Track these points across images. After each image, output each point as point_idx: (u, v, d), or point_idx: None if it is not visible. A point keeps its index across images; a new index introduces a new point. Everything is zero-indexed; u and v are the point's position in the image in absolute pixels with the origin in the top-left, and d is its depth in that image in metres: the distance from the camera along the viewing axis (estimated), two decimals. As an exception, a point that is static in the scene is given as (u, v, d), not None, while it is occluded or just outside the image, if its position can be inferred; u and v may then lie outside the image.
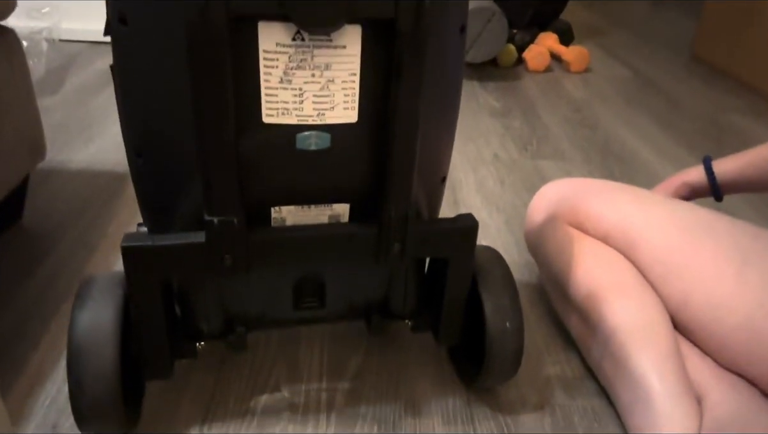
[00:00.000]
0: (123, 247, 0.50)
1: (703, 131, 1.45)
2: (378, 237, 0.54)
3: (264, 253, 0.53)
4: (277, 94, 0.47)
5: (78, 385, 0.52)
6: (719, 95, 1.71)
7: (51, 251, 0.86)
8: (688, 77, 1.86)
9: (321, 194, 0.54)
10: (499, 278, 0.62)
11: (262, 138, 0.49)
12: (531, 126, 1.43)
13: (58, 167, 1.09)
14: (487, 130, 1.40)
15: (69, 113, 1.32)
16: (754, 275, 0.61)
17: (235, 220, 0.50)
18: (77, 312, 0.53)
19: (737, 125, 1.51)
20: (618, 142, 1.37)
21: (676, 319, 0.66)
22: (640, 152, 1.32)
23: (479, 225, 0.58)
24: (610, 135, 1.40)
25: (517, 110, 1.52)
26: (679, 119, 1.53)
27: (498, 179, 1.17)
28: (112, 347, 0.52)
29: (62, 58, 1.65)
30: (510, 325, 0.60)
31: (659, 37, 2.34)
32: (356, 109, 0.49)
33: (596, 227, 0.72)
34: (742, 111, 1.60)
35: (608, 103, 1.60)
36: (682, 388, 0.59)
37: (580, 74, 1.83)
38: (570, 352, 0.75)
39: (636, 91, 1.72)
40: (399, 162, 0.51)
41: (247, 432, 0.61)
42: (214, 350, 0.71)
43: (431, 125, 0.54)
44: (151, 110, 0.50)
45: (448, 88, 0.56)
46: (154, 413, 0.63)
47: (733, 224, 0.68)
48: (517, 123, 1.44)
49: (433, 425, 0.64)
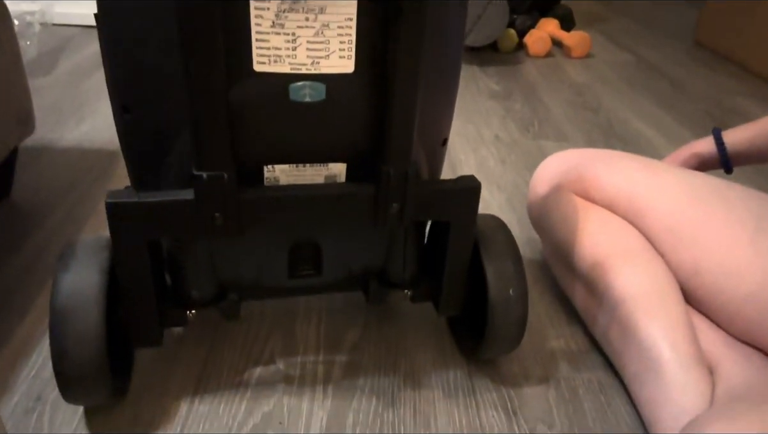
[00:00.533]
0: (107, 203, 0.48)
1: (708, 113, 1.43)
2: (376, 197, 0.52)
3: (256, 213, 0.51)
4: (269, 40, 0.45)
5: (60, 349, 0.49)
6: (723, 79, 1.69)
7: (39, 227, 0.84)
8: (691, 62, 1.84)
9: (316, 152, 0.51)
10: (502, 245, 0.60)
11: (253, 88, 0.46)
12: (532, 108, 1.41)
13: (49, 145, 1.06)
14: (487, 112, 1.38)
15: (61, 93, 1.30)
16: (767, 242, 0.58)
17: (225, 175, 0.48)
18: (60, 274, 0.50)
19: (742, 107, 1.49)
20: (621, 123, 1.34)
21: (685, 289, 0.63)
22: (644, 133, 1.30)
23: (480, 203, 0.55)
24: (613, 117, 1.38)
25: (518, 93, 1.50)
26: (683, 101, 1.50)
27: (499, 159, 1.15)
28: (96, 309, 0.49)
29: (55, 41, 1.63)
30: (513, 292, 0.58)
31: (661, 23, 2.31)
32: (353, 58, 0.47)
33: (603, 195, 0.70)
34: (747, 95, 1.58)
35: (610, 87, 1.58)
36: (694, 357, 0.57)
37: (581, 59, 1.81)
38: (574, 326, 0.72)
39: (639, 75, 1.70)
40: (398, 116, 0.49)
41: (241, 404, 0.59)
42: (207, 322, 0.69)
43: (432, 82, 0.52)
44: (138, 60, 0.48)
45: (449, 42, 0.53)
46: (143, 384, 0.60)
47: (746, 191, 0.65)
48: (518, 105, 1.42)
49: (434, 397, 0.61)
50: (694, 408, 0.54)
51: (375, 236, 0.59)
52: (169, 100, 0.48)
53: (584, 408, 0.61)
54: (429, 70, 0.50)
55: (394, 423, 0.58)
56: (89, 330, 0.49)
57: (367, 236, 0.59)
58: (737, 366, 0.58)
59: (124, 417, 0.57)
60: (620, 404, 0.62)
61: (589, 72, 1.71)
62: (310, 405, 0.59)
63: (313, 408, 0.59)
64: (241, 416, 0.58)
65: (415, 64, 0.47)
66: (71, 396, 0.52)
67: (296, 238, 0.57)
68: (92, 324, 0.49)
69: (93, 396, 0.53)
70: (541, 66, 1.73)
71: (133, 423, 0.56)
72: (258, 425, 0.57)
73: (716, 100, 1.52)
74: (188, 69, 0.43)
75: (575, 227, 0.68)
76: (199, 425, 0.57)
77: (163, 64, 0.46)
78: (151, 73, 0.48)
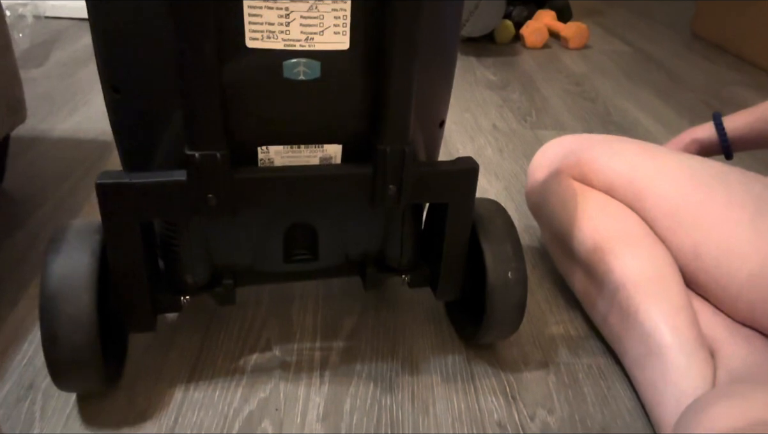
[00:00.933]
0: (98, 184, 0.47)
1: (705, 103, 1.42)
2: (373, 178, 0.51)
3: (250, 194, 0.50)
4: (262, 15, 0.44)
5: (52, 334, 0.48)
6: (720, 70, 1.68)
7: (32, 215, 0.83)
8: (689, 53, 1.83)
9: (311, 133, 0.50)
10: (500, 228, 0.59)
11: (246, 65, 0.45)
12: (530, 98, 1.40)
13: (41, 136, 1.05)
14: (484, 102, 1.37)
15: (54, 84, 1.28)
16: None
17: (218, 154, 0.47)
18: (51, 256, 0.49)
19: (740, 97, 1.48)
20: (619, 113, 1.34)
21: (686, 273, 0.63)
22: (642, 123, 1.29)
23: (478, 192, 0.54)
24: (611, 107, 1.37)
25: (515, 83, 1.49)
26: (681, 91, 1.50)
27: (497, 148, 1.14)
28: (88, 293, 0.48)
29: (48, 34, 1.61)
30: (512, 275, 0.57)
31: (657, 14, 2.31)
32: (348, 34, 0.46)
33: (601, 179, 0.69)
34: (744, 84, 1.57)
35: (608, 77, 1.57)
36: (696, 341, 0.56)
37: (578, 50, 1.80)
38: (573, 312, 0.72)
39: (636, 66, 1.69)
40: (395, 94, 0.47)
41: (237, 391, 0.58)
42: (202, 308, 0.68)
43: (429, 61, 0.51)
44: (128, 36, 0.46)
45: (446, 19, 0.52)
46: (137, 371, 0.59)
47: (746, 174, 0.65)
48: (516, 95, 1.41)
49: (432, 382, 0.60)
50: (695, 392, 0.53)
51: (372, 220, 0.58)
52: (160, 80, 0.47)
53: (584, 393, 0.61)
54: (426, 47, 0.49)
55: (392, 409, 0.57)
56: (81, 315, 0.48)
57: (364, 219, 0.58)
58: (739, 350, 0.57)
59: (117, 404, 0.56)
60: (620, 388, 0.61)
61: (586, 63, 1.70)
62: (307, 391, 0.59)
63: (310, 394, 0.58)
64: (237, 402, 0.57)
65: (412, 41, 0.46)
66: (63, 383, 0.51)
67: (291, 221, 0.56)
68: (84, 309, 0.48)
69: (85, 383, 0.52)
70: (539, 57, 1.72)
71: (126, 411, 0.55)
72: (254, 411, 0.56)
73: (714, 90, 1.52)
74: (180, 45, 0.43)
75: (574, 212, 0.68)
76: (194, 412, 0.56)
77: (154, 42, 0.45)
78: (141, 52, 0.47)
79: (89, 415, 0.55)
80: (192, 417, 0.55)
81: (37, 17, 1.59)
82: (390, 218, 0.58)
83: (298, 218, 0.56)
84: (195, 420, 0.55)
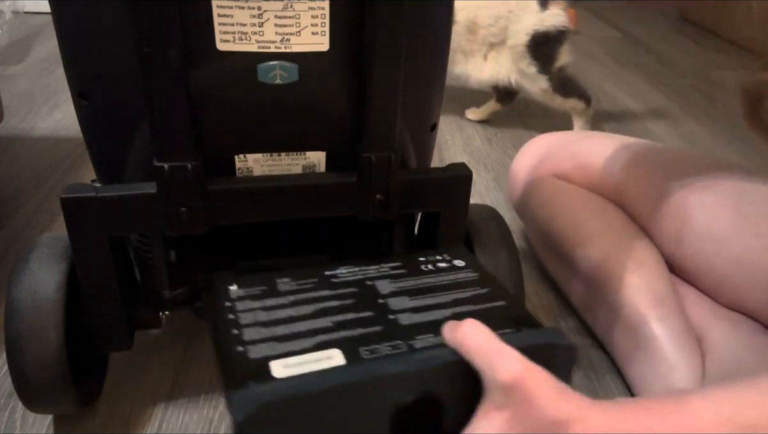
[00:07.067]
0: (62, 198, 0.44)
1: (695, 88, 1.42)
2: (358, 187, 0.48)
3: (226, 207, 0.47)
4: (233, 15, 0.42)
5: (19, 373, 0.46)
6: (709, 54, 1.67)
7: (12, 216, 0.81)
8: (678, 37, 1.82)
9: (291, 140, 0.47)
10: (496, 237, 0.56)
11: (218, 69, 0.43)
12: (518, 86, 1.38)
13: (22, 135, 1.03)
14: (472, 90, 1.35)
15: (34, 81, 1.26)
16: (750, 206, 0.58)
17: (189, 165, 0.44)
18: (14, 289, 0.46)
19: (729, 81, 1.47)
20: (608, 99, 1.33)
21: (671, 262, 0.62)
22: (631, 108, 1.28)
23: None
24: (600, 92, 1.36)
25: (503, 71, 1.47)
26: (670, 76, 1.49)
27: (485, 138, 1.13)
28: (55, 330, 0.46)
29: (27, 30, 1.58)
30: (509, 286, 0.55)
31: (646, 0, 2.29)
32: (327, 34, 0.44)
33: (582, 175, 0.69)
34: (734, 68, 1.56)
35: (597, 63, 1.56)
36: (682, 331, 0.56)
37: (567, 35, 1.78)
38: (564, 308, 0.71)
39: (625, 51, 1.68)
40: (378, 97, 0.45)
41: (220, 399, 0.57)
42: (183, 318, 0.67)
43: (418, 62, 0.48)
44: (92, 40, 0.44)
45: (435, 19, 0.49)
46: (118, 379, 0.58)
47: (727, 162, 0.64)
48: (504, 83, 1.39)
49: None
50: (684, 385, 0.53)
51: (359, 229, 0.56)
52: (129, 86, 0.44)
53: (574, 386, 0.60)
54: (415, 47, 0.47)
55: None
56: (49, 354, 0.45)
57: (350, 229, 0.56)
58: (725, 335, 0.57)
59: (100, 413, 0.55)
60: (610, 380, 0.61)
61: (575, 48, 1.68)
62: (294, 394, 0.58)
63: (296, 397, 0.58)
64: (222, 407, 0.56)
65: (396, 41, 0.43)
66: (37, 410, 0.50)
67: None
68: (51, 347, 0.45)
69: (60, 410, 0.51)
70: (527, 43, 1.70)
71: (109, 419, 0.55)
72: (239, 416, 0.55)
73: (704, 74, 1.51)
74: (141, 49, 0.40)
75: (556, 209, 0.67)
76: (178, 418, 0.55)
77: (120, 47, 0.43)
78: (108, 57, 0.44)
79: (72, 423, 0.54)
80: (177, 422, 0.55)
81: (16, 13, 1.55)
82: (380, 228, 0.55)
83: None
84: (179, 424, 0.54)
